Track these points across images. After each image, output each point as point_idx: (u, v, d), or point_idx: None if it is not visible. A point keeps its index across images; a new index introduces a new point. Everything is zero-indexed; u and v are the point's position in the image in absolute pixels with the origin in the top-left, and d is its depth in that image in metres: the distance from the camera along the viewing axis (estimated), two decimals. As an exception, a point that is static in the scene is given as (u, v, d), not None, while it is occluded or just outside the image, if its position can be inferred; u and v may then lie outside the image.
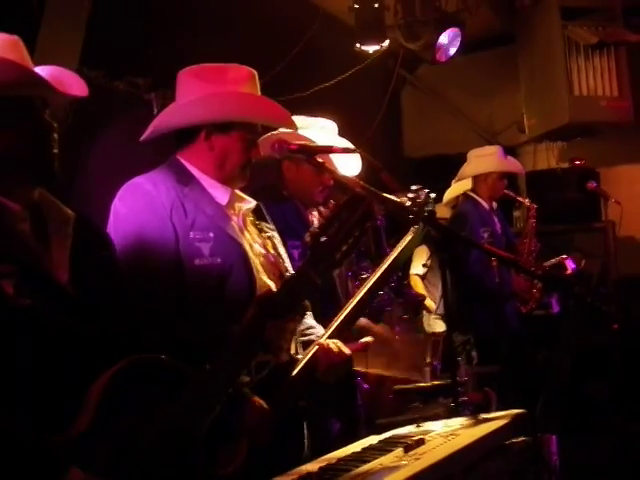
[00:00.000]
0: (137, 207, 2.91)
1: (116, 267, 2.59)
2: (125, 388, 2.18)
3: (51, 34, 3.94)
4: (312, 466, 2.39)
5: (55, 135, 2.34)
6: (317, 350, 3.04)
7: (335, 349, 3.05)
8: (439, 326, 6.46)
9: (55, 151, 2.34)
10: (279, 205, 3.92)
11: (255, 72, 3.12)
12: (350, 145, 3.93)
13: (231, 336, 2.46)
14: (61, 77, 2.38)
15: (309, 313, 3.33)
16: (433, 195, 3.40)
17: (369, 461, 2.29)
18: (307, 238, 2.51)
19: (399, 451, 2.34)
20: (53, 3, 4.16)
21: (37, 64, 2.54)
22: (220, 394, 2.37)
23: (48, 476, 2.01)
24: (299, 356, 3.09)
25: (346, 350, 3.11)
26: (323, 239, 2.47)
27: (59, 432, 2.08)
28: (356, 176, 3.36)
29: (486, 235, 6.00)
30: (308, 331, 3.29)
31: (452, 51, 6.64)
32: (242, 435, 2.64)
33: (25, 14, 4.06)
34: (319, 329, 3.30)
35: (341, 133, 4.16)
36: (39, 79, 2.27)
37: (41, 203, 2.37)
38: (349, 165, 4.01)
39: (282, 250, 3.25)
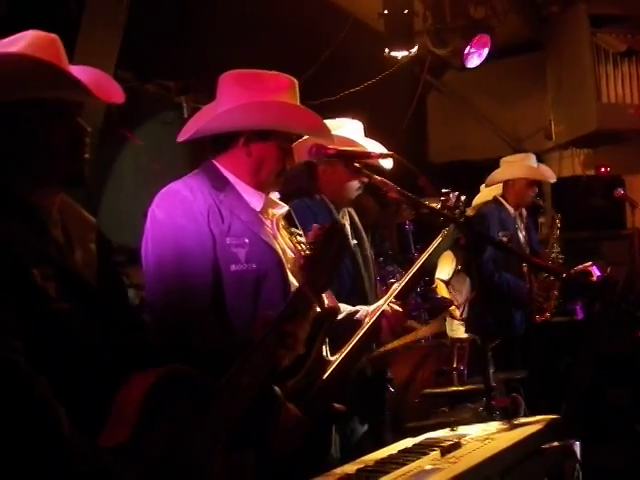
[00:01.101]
0: (175, 213, 2.92)
1: (120, 275, 2.60)
2: (160, 398, 2.17)
3: (90, 36, 3.97)
4: (349, 467, 2.40)
5: (88, 139, 2.32)
6: (381, 314, 3.27)
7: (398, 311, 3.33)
8: (462, 332, 6.46)
9: (87, 156, 2.32)
10: (311, 208, 3.96)
11: (295, 81, 3.13)
12: (381, 147, 3.96)
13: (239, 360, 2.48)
14: (98, 80, 2.35)
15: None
16: (464, 198, 3.43)
17: (406, 464, 2.30)
18: (300, 261, 2.58)
19: (436, 454, 2.35)
20: (92, 5, 4.19)
21: (76, 64, 2.55)
22: (240, 403, 2.37)
23: None
24: (331, 358, 3.12)
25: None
26: (314, 263, 2.56)
27: (86, 432, 2.03)
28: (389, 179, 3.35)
29: (505, 239, 6.00)
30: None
31: (481, 58, 6.64)
32: (275, 440, 2.68)
33: (64, 15, 4.09)
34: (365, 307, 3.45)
35: (368, 137, 4.17)
36: (76, 82, 2.23)
37: (63, 208, 2.35)
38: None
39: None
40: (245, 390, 2.40)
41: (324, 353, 3.12)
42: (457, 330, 6.50)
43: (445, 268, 6.78)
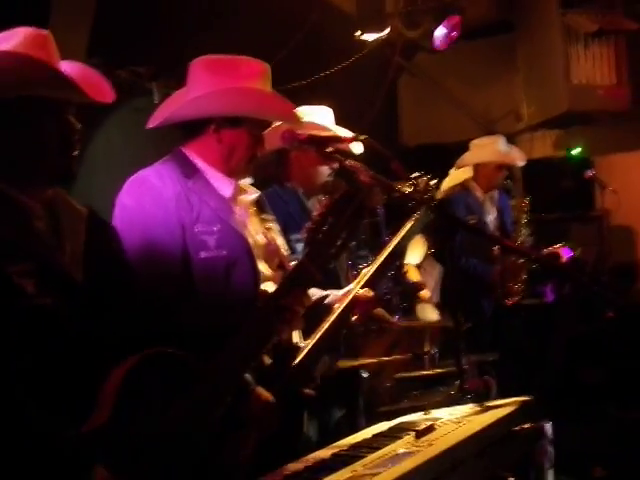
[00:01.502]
0: (143, 200, 2.93)
1: (124, 259, 2.62)
2: (140, 381, 2.22)
3: (60, 22, 3.96)
4: (324, 452, 2.44)
5: (77, 137, 2.35)
6: (352, 299, 3.32)
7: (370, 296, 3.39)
8: (433, 314, 6.49)
9: (76, 153, 2.35)
10: (282, 196, 3.98)
11: (268, 67, 3.14)
12: (351, 133, 3.98)
13: (237, 333, 2.49)
14: (89, 78, 2.39)
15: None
16: (434, 182, 3.46)
17: (381, 447, 2.34)
18: (304, 234, 2.59)
19: (410, 438, 2.39)
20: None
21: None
22: (229, 387, 2.43)
23: (75, 472, 2.03)
24: (302, 344, 3.15)
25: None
26: (319, 235, 2.56)
27: (75, 426, 2.10)
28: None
29: (474, 222, 6.03)
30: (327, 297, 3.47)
31: (451, 39, 6.66)
32: (250, 425, 2.70)
33: (34, 1, 4.08)
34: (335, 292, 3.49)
35: (339, 121, 4.17)
36: (68, 82, 2.27)
37: (55, 200, 2.38)
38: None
39: (280, 240, 3.29)
40: (240, 367, 2.46)
41: (295, 339, 3.16)
42: (429, 314, 6.53)
43: (416, 252, 6.79)
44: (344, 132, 3.99)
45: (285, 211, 3.88)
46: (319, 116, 4.05)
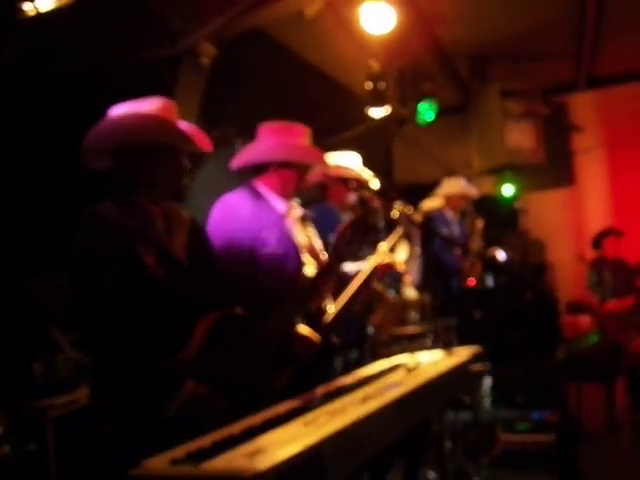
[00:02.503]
0: (226, 214, 2.95)
1: (212, 252, 2.61)
2: (220, 329, 2.23)
3: (182, 97, 3.97)
4: (347, 379, 2.42)
5: (186, 172, 2.37)
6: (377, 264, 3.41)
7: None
8: (413, 293, 6.46)
9: (187, 182, 2.38)
10: (324, 210, 3.99)
11: (308, 130, 3.17)
12: (370, 173, 4.01)
13: (285, 302, 2.51)
14: (197, 134, 2.44)
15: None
16: (409, 208, 3.51)
17: (384, 378, 2.33)
18: (332, 239, 2.62)
19: (402, 371, 2.38)
20: (183, 77, 4.19)
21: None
22: (279, 334, 2.43)
23: (172, 386, 2.03)
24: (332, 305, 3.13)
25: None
26: (341, 242, 2.57)
27: (175, 355, 2.13)
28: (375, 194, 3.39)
29: (445, 233, 6.00)
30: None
31: (428, 116, 6.63)
32: (295, 354, 2.67)
33: (166, 83, 4.10)
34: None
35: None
36: (185, 136, 2.31)
37: (169, 210, 2.40)
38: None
39: (317, 241, 3.28)
40: (285, 324, 2.48)
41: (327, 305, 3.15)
42: (411, 292, 6.50)
43: (402, 251, 6.78)
44: (366, 172, 4.03)
45: (327, 220, 3.91)
46: (352, 159, 4.08)
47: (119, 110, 2.32)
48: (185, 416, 2.00)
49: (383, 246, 3.58)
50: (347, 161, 4.04)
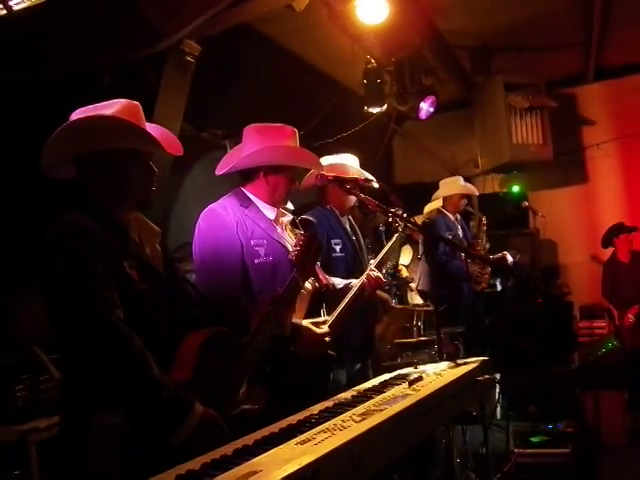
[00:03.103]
0: (213, 225, 2.94)
1: (176, 265, 2.58)
2: (209, 350, 2.21)
3: (166, 99, 3.97)
4: (347, 394, 2.41)
5: (155, 177, 2.34)
6: (366, 277, 3.43)
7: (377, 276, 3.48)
8: (418, 299, 6.47)
9: (153, 188, 2.34)
10: (324, 214, 4.03)
11: (296, 130, 3.16)
12: (369, 175, 4.01)
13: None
14: (165, 136, 2.41)
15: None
16: (405, 213, 3.53)
17: (385, 392, 2.32)
18: (291, 257, 2.63)
19: (405, 385, 2.37)
20: (166, 79, 4.19)
21: (156, 122, 2.55)
22: (255, 357, 2.38)
23: (183, 410, 2.00)
24: (327, 317, 3.12)
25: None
26: (301, 261, 2.63)
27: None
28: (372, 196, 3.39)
29: (450, 237, 6.00)
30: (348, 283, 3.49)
31: (429, 112, 6.63)
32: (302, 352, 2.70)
33: (148, 85, 4.10)
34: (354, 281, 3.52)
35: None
36: (151, 138, 2.27)
37: (136, 220, 2.37)
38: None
39: None
40: (262, 343, 2.40)
41: (322, 315, 3.15)
42: (415, 298, 6.51)
43: (406, 256, 6.81)
44: (366, 174, 4.04)
45: (327, 224, 3.94)
46: (349, 160, 4.09)
47: (80, 114, 2.27)
48: (193, 441, 1.95)
49: (372, 263, 3.59)
50: (344, 162, 4.04)
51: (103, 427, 1.98)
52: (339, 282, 3.51)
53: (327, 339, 2.89)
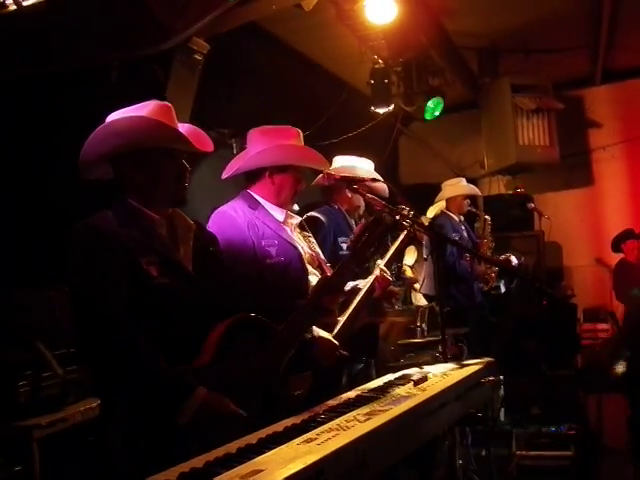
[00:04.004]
0: (224, 226, 2.95)
1: (221, 259, 2.62)
2: (234, 335, 2.27)
3: (174, 98, 3.97)
4: (351, 393, 2.40)
5: (188, 174, 2.39)
6: (375, 278, 3.31)
7: (387, 277, 3.37)
8: (422, 300, 6.45)
9: (187, 185, 2.39)
10: (333, 212, 4.04)
11: (301, 132, 3.15)
12: (379, 177, 4.01)
13: (300, 306, 2.52)
14: (197, 135, 2.46)
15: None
16: (412, 211, 3.50)
17: (390, 392, 2.31)
18: (348, 242, 2.60)
19: (410, 385, 2.36)
20: (174, 77, 4.19)
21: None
22: (294, 343, 2.44)
23: (183, 393, 2.07)
24: (339, 318, 3.12)
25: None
26: (359, 245, 2.55)
27: (187, 364, 2.16)
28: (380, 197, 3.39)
29: (457, 238, 5.99)
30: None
31: (436, 113, 6.63)
32: (310, 367, 2.68)
33: (156, 83, 4.10)
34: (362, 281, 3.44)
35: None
36: (184, 138, 2.33)
37: (173, 215, 2.42)
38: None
39: (318, 249, 3.28)
40: (304, 328, 2.50)
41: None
42: (419, 300, 6.49)
43: (410, 257, 6.78)
44: (377, 175, 4.04)
45: (335, 222, 3.94)
46: (362, 164, 4.09)
47: (115, 116, 2.34)
48: (199, 424, 2.03)
49: (380, 262, 3.57)
50: (354, 165, 4.05)
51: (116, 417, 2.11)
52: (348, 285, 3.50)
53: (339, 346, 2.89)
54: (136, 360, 2.06)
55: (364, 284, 3.36)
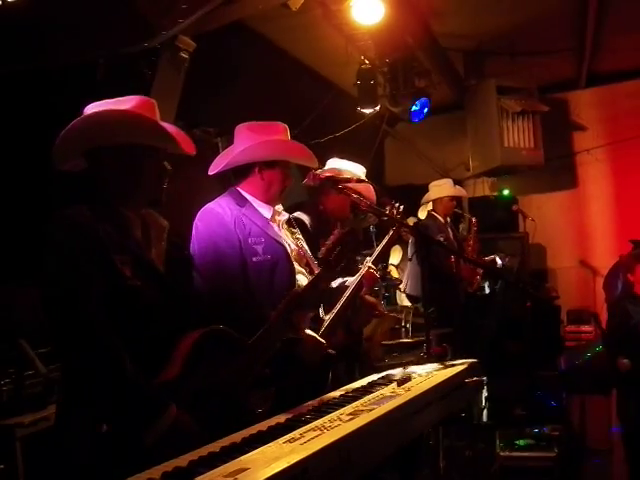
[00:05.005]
0: (211, 224, 2.94)
1: (191, 262, 2.59)
2: (202, 348, 2.19)
3: (159, 95, 3.95)
4: (335, 393, 2.40)
5: (167, 175, 2.32)
6: (363, 275, 3.35)
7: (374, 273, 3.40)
8: (406, 301, 6.47)
9: (165, 186, 2.32)
10: (317, 216, 4.00)
11: (287, 127, 3.14)
12: (365, 179, 4.02)
13: (268, 319, 2.47)
14: (179, 136, 2.38)
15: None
16: (401, 208, 3.49)
17: (374, 392, 2.31)
18: (320, 254, 2.59)
19: (394, 385, 2.36)
20: (160, 74, 4.18)
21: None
22: (262, 358, 2.37)
23: (155, 411, 1.99)
24: (325, 317, 3.12)
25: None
26: (330, 259, 2.56)
27: (154, 369, 2.08)
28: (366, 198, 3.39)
29: (442, 239, 6.00)
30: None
31: (421, 114, 6.64)
32: (295, 366, 2.67)
33: (141, 80, 4.09)
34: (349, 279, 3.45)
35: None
36: (168, 135, 2.27)
37: (147, 216, 2.35)
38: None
39: (306, 246, 3.26)
40: (273, 343, 2.41)
41: (320, 314, 3.14)
42: (404, 300, 6.51)
43: (395, 256, 6.82)
44: (370, 184, 4.03)
45: (319, 223, 3.95)
46: (354, 167, 4.08)
47: (94, 108, 2.24)
48: (167, 443, 1.94)
49: (369, 260, 3.57)
50: (340, 167, 4.03)
51: (81, 422, 2.00)
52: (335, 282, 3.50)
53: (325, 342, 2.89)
54: (114, 367, 1.96)
55: (352, 281, 3.37)
